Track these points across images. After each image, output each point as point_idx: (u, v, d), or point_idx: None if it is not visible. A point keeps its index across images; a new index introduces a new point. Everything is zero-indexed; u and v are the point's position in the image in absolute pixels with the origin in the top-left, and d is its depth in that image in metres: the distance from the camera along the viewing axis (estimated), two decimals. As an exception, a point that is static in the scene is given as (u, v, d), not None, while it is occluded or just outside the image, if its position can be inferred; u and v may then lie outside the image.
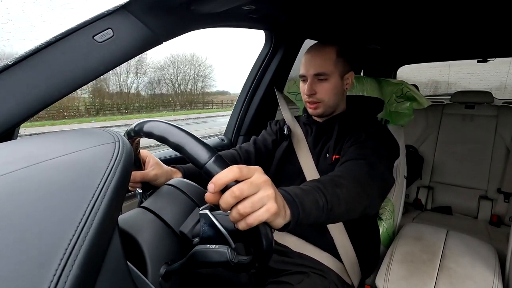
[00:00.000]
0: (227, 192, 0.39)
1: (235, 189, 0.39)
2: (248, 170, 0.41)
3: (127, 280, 0.33)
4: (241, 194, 0.39)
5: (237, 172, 0.39)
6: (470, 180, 1.84)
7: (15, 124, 0.61)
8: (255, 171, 0.41)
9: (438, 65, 3.60)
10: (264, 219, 0.40)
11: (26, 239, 0.24)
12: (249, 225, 0.40)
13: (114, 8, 0.68)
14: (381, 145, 0.81)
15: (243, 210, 0.39)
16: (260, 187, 0.41)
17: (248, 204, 0.39)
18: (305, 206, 0.51)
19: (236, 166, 0.40)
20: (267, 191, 0.41)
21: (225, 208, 0.40)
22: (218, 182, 0.39)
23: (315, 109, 0.92)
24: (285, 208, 0.46)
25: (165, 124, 0.46)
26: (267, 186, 0.42)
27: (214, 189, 0.39)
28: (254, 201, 0.40)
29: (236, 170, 0.39)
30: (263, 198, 0.40)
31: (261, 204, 0.40)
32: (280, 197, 0.45)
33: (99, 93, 4.22)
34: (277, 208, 0.41)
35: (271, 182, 0.43)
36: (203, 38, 33.97)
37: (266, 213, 0.40)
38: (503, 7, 1.01)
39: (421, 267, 0.96)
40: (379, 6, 1.03)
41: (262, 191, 0.41)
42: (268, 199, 0.41)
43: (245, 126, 1.41)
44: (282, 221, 0.44)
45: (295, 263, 0.83)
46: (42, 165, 0.33)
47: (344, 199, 0.59)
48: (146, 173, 0.66)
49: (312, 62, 0.90)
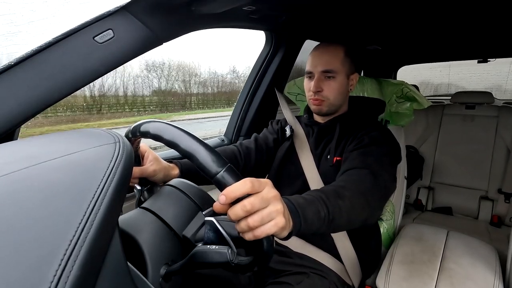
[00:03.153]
0: (238, 205, 0.39)
1: (247, 203, 0.39)
2: (260, 184, 0.41)
3: (127, 280, 0.33)
4: (252, 208, 0.40)
5: (250, 187, 0.40)
6: (471, 180, 1.84)
7: (16, 125, 0.61)
8: (266, 185, 0.42)
9: (437, 65, 3.60)
10: (271, 233, 0.42)
11: (26, 239, 0.24)
12: (256, 237, 0.41)
13: (115, 9, 0.68)
14: (384, 151, 0.81)
15: (252, 224, 0.40)
16: (270, 202, 0.42)
17: (257, 218, 0.40)
18: (307, 216, 0.52)
19: (249, 180, 0.40)
20: (276, 206, 0.42)
21: (234, 220, 0.41)
22: (230, 195, 0.39)
23: (319, 106, 0.92)
24: (289, 220, 0.47)
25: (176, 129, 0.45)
26: (277, 201, 0.42)
27: (226, 201, 0.39)
28: (264, 215, 0.40)
29: (249, 184, 0.40)
30: (272, 213, 0.41)
31: (270, 219, 0.41)
32: (287, 211, 0.46)
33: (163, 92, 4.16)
34: (284, 223, 0.43)
35: (280, 197, 0.44)
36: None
37: (274, 227, 0.41)
38: (503, 7, 1.01)
39: (421, 267, 0.96)
40: (379, 7, 1.03)
41: (271, 206, 0.41)
42: (277, 214, 0.42)
43: (245, 127, 1.41)
44: (286, 233, 0.46)
45: (295, 263, 0.83)
46: (42, 166, 0.33)
47: (346, 211, 0.59)
48: (144, 168, 0.65)
49: (320, 59, 0.90)
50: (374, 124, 0.93)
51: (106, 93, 2.94)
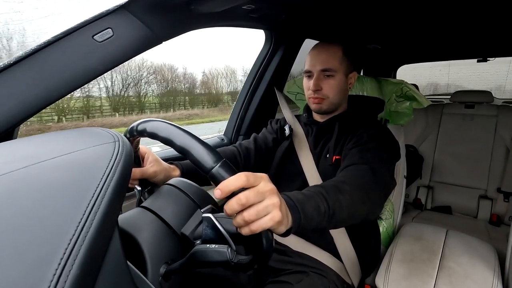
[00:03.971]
0: (234, 199, 0.39)
1: (242, 197, 0.39)
2: (255, 178, 0.41)
3: (127, 280, 0.33)
4: (247, 202, 0.39)
5: (244, 180, 0.39)
6: (470, 179, 1.85)
7: (15, 124, 0.61)
8: (261, 179, 0.42)
9: (437, 64, 3.60)
10: (267, 227, 0.41)
11: (25, 239, 0.24)
12: (252, 231, 0.40)
13: (114, 7, 0.68)
14: (382, 147, 0.81)
15: (248, 218, 0.40)
16: (266, 196, 0.41)
17: (253, 211, 0.40)
18: (307, 211, 0.51)
19: (243, 174, 0.40)
20: (272, 199, 0.42)
21: (230, 214, 0.41)
22: (225, 190, 0.39)
23: (319, 104, 0.92)
24: (288, 215, 0.46)
25: (171, 126, 0.45)
26: (273, 195, 0.42)
27: (221, 195, 0.39)
28: (259, 209, 0.40)
29: (244, 178, 0.39)
30: (268, 206, 0.41)
31: (265, 212, 0.41)
32: (284, 205, 0.45)
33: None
34: (281, 217, 0.42)
35: (277, 191, 0.44)
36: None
37: (270, 221, 0.41)
38: (503, 7, 1.01)
39: (421, 266, 0.97)
40: (379, 6, 1.03)
41: (267, 200, 0.41)
42: (273, 208, 0.41)
43: (245, 126, 1.41)
44: (284, 228, 0.45)
45: (294, 262, 0.83)
46: (41, 165, 0.33)
47: (346, 206, 0.59)
48: (145, 169, 0.65)
49: (319, 58, 0.90)
50: (373, 123, 0.93)
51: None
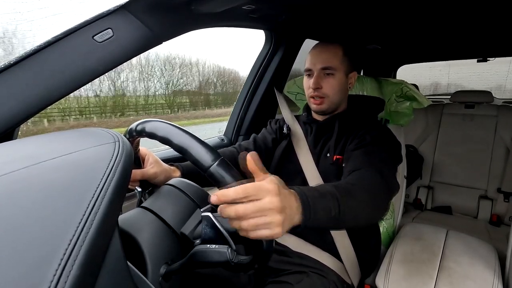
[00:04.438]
0: (232, 208, 0.39)
1: (240, 209, 0.39)
2: (258, 192, 0.40)
3: (127, 280, 0.33)
4: (244, 215, 0.39)
5: (242, 196, 0.39)
6: (470, 179, 1.84)
7: (15, 124, 0.61)
8: (267, 194, 0.40)
9: (438, 64, 3.60)
10: (264, 237, 0.41)
11: (26, 239, 0.24)
12: (250, 237, 0.40)
13: (114, 8, 0.68)
14: (386, 150, 0.81)
15: (245, 227, 0.40)
16: (268, 213, 0.40)
17: (252, 223, 0.40)
18: (317, 212, 0.50)
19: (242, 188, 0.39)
20: (275, 217, 0.41)
21: (224, 217, 0.41)
22: (222, 199, 0.39)
23: (319, 104, 0.92)
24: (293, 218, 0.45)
25: (169, 125, 0.46)
26: (276, 214, 0.41)
27: (217, 202, 0.39)
28: (259, 223, 0.40)
29: (241, 194, 0.39)
30: (269, 223, 0.40)
31: (265, 227, 0.41)
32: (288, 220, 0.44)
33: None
34: (281, 233, 0.42)
35: (282, 208, 0.42)
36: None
37: (270, 234, 0.41)
38: (503, 7, 1.01)
39: (421, 267, 0.96)
40: (379, 6, 1.03)
41: (269, 217, 0.40)
42: (275, 226, 0.41)
43: (245, 126, 1.41)
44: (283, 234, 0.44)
45: (294, 262, 0.83)
46: (42, 165, 0.33)
47: (355, 210, 0.58)
48: (145, 171, 0.65)
49: (320, 57, 0.91)
50: (374, 123, 0.93)
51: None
